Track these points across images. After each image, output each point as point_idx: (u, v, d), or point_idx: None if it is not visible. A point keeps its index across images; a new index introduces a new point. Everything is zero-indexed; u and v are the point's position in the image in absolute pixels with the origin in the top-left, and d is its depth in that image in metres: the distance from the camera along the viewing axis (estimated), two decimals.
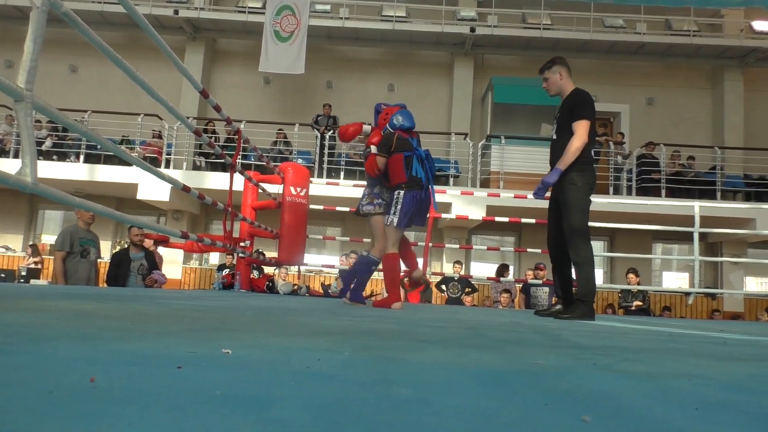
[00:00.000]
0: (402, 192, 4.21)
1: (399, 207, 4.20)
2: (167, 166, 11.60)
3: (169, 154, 11.76)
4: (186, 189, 4.33)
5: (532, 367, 1.11)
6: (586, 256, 3.96)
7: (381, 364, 0.99)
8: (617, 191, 11.49)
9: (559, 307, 4.29)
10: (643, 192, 11.36)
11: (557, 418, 0.65)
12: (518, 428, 0.59)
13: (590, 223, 4.29)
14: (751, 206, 10.03)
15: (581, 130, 3.96)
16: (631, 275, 8.74)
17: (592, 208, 4.21)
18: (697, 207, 7.17)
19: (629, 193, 11.39)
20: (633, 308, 8.86)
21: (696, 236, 7.05)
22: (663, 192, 11.20)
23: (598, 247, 12.85)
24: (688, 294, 8.06)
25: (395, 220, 4.20)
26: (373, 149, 4.37)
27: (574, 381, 0.96)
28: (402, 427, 0.56)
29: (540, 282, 8.30)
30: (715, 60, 13.41)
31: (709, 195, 11.30)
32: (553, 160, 4.18)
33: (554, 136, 4.20)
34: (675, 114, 13.60)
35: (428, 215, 4.93)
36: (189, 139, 11.75)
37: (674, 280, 13.54)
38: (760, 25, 13.32)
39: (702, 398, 0.85)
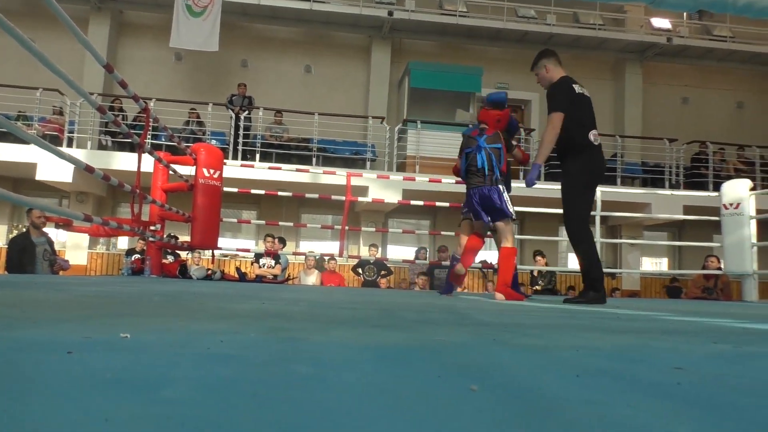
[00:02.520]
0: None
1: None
2: (69, 144, 10.95)
3: (71, 132, 11.09)
4: (89, 169, 4.11)
5: (433, 344, 1.15)
6: (583, 243, 4.03)
7: (284, 345, 1.00)
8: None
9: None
10: (551, 178, 11.88)
11: (447, 389, 0.69)
12: (407, 399, 0.62)
13: None
14: (648, 191, 10.75)
15: (551, 122, 4.07)
16: (538, 257, 9.17)
17: None
18: (598, 192, 7.58)
19: (538, 178, 11.86)
20: (539, 289, 9.31)
21: (597, 219, 7.47)
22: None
23: None
24: None
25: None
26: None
27: (470, 355, 1.00)
28: (294, 402, 0.57)
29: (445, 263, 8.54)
30: (618, 53, 14.17)
31: (610, 181, 11.97)
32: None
33: None
34: None
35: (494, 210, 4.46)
36: (93, 117, 11.11)
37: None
38: (657, 22, 14.19)
39: (585, 367, 0.92)
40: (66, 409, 0.51)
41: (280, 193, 8.49)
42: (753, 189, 6.75)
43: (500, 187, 4.31)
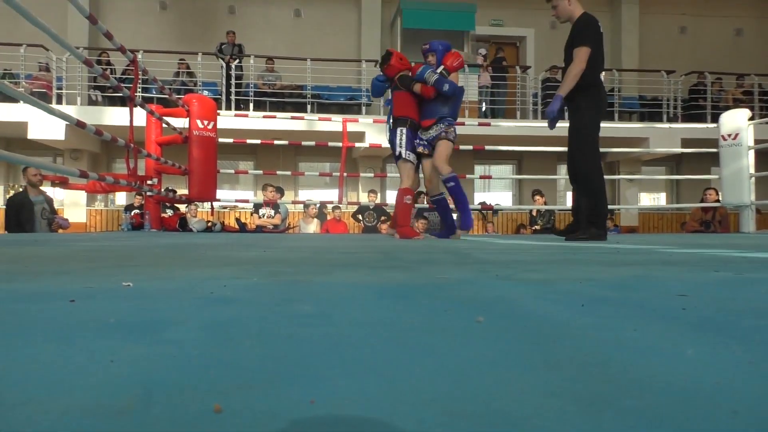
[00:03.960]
0: None
1: None
2: (59, 101, 10.76)
3: (59, 88, 10.88)
4: (81, 124, 4.06)
5: (436, 282, 1.15)
6: (595, 180, 4.05)
7: (286, 287, 1.00)
8: (524, 115, 11.81)
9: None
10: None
11: (454, 321, 0.68)
12: (413, 331, 0.61)
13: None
14: (645, 126, 10.64)
15: (579, 55, 4.00)
16: (537, 197, 9.17)
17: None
18: None
19: (535, 116, 11.74)
20: (539, 228, 9.35)
21: None
22: (566, 114, 11.61)
23: (507, 170, 13.31)
24: None
25: None
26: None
27: (474, 290, 1.00)
28: (300, 338, 0.57)
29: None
30: None
31: (608, 116, 11.85)
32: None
33: (564, 65, 4.22)
34: None
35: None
36: (81, 72, 10.89)
37: None
38: None
39: (589, 296, 0.92)
40: (71, 352, 0.50)
41: (276, 142, 8.42)
42: (752, 119, 6.69)
43: (398, 129, 4.72)
